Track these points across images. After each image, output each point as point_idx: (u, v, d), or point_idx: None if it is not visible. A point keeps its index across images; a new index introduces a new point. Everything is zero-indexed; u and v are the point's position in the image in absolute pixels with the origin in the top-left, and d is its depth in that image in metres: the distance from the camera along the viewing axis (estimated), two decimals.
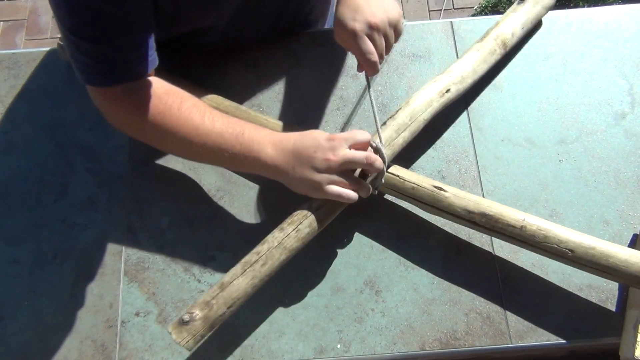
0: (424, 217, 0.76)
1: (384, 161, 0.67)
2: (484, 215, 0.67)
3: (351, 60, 0.87)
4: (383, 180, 0.69)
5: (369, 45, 0.67)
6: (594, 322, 0.70)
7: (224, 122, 0.67)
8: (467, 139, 0.81)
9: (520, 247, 0.68)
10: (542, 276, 0.72)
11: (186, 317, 0.62)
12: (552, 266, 0.73)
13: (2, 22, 2.12)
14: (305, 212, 0.67)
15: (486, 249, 0.74)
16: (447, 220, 0.75)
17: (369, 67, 0.68)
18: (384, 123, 0.72)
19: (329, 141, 0.65)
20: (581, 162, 0.79)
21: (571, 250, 0.64)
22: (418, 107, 0.72)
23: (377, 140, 0.68)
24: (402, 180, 0.70)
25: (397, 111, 0.72)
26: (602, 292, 0.71)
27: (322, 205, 0.67)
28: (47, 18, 2.13)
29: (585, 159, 0.79)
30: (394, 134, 0.71)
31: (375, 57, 0.67)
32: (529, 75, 0.85)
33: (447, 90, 0.74)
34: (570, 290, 0.72)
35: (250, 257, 0.65)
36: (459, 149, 0.80)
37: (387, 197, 0.77)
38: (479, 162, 0.79)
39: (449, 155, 0.80)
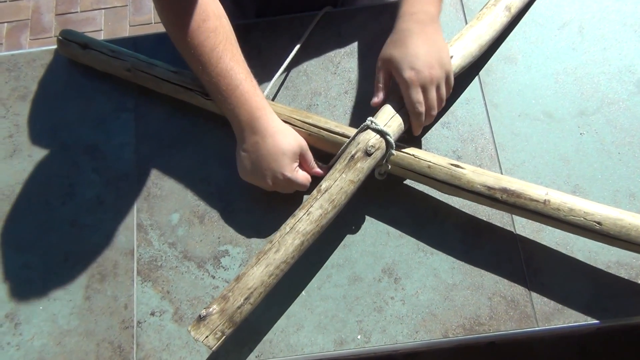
0: (441, 199, 0.73)
1: (387, 135, 0.66)
2: (505, 190, 0.65)
3: (357, 42, 0.84)
4: (394, 152, 0.67)
5: (419, 96, 0.67)
6: (624, 300, 0.67)
7: (226, 68, 0.69)
8: (482, 116, 0.78)
9: (544, 223, 0.65)
10: (568, 255, 0.70)
11: (203, 313, 0.61)
12: (577, 244, 0.70)
13: (6, 24, 2.11)
14: (314, 195, 0.65)
15: (507, 229, 0.71)
16: (465, 202, 0.72)
17: (414, 116, 0.68)
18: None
19: (290, 168, 0.69)
20: (603, 134, 0.75)
21: (599, 223, 0.62)
22: None
23: (374, 119, 0.68)
24: (417, 159, 0.68)
25: None
26: (631, 268, 0.68)
27: (330, 186, 0.65)
28: (50, 16, 2.11)
29: (607, 130, 0.76)
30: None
31: (422, 107, 0.68)
32: (544, 45, 0.81)
33: (451, 57, 0.72)
34: (598, 268, 0.69)
35: (264, 246, 0.64)
36: (474, 127, 0.77)
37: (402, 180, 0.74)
38: (496, 140, 0.76)
39: (464, 135, 0.77)
